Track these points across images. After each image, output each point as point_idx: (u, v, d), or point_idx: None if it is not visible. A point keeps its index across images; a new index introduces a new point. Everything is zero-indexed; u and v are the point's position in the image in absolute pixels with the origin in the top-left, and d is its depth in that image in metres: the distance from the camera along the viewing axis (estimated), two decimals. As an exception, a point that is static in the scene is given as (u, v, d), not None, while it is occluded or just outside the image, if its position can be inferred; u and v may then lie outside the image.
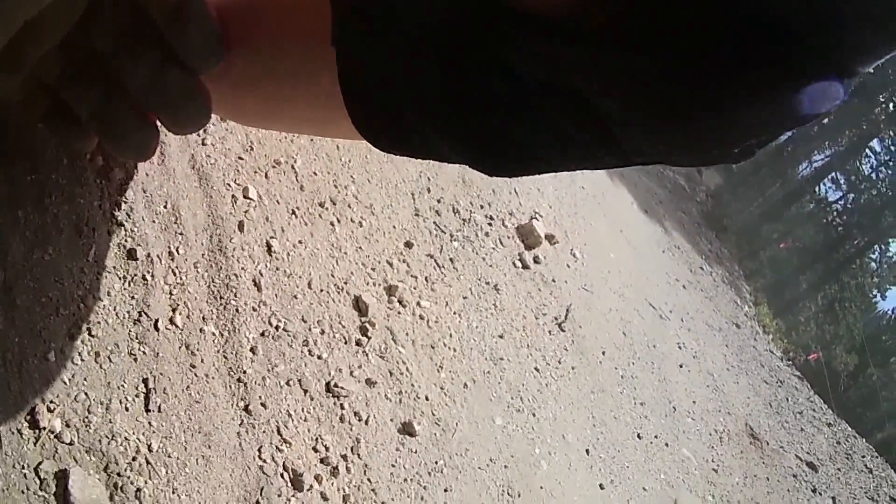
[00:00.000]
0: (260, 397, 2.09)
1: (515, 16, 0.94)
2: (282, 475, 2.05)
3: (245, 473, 1.94)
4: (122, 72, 1.07)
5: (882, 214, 32.23)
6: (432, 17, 1.04)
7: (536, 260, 4.42)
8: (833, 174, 32.48)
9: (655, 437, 4.81)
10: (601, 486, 3.74)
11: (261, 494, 1.95)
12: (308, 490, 2.09)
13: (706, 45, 0.75)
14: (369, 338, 2.63)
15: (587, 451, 3.81)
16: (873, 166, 32.28)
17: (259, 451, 2.01)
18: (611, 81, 0.86)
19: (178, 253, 2.00)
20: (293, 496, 2.04)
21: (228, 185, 2.29)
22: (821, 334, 31.88)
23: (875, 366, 35.96)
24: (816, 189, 32.68)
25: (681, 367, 6.22)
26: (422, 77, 1.07)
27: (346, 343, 2.53)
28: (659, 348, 6.00)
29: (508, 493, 2.95)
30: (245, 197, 2.34)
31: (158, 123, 1.20)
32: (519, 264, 4.19)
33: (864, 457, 9.54)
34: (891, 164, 31.52)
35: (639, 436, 4.55)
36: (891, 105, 29.14)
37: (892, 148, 30.99)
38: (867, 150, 31.81)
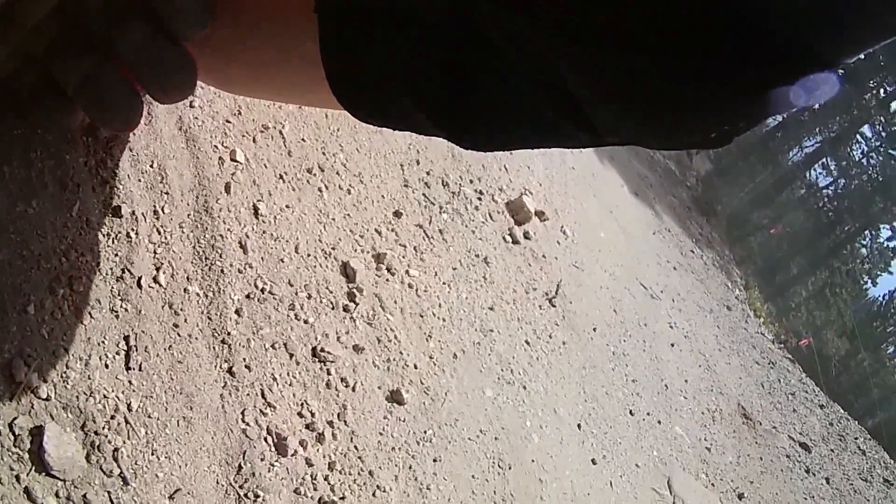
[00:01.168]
0: (244, 359, 2.05)
1: None
2: (265, 439, 2.01)
3: (227, 437, 1.90)
4: (111, 42, 1.07)
5: (873, 200, 32.27)
6: None
7: (527, 235, 4.38)
8: (824, 160, 32.50)
9: (648, 414, 4.78)
10: (593, 462, 3.72)
11: (243, 458, 1.91)
12: (292, 455, 2.05)
13: (690, 42, 0.78)
14: (357, 304, 2.59)
15: (579, 425, 3.78)
16: (864, 152, 32.31)
17: (242, 414, 1.97)
18: (591, 73, 0.88)
19: (164, 212, 1.96)
20: (277, 461, 2.01)
21: (216, 147, 2.26)
22: (811, 320, 31.95)
23: (866, 351, 36.06)
24: (807, 174, 32.72)
25: (672, 346, 6.20)
26: (405, 49, 1.06)
27: (333, 308, 2.49)
28: (650, 327, 5.98)
29: (499, 466, 2.92)
30: (232, 160, 2.31)
31: (144, 94, 1.21)
32: (509, 239, 4.15)
33: (857, 439, 9.55)
34: (881, 149, 31.56)
35: (631, 412, 4.53)
36: (881, 91, 29.18)
37: (883, 134, 31.03)
38: (858, 136, 31.84)
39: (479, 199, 4.03)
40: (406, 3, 1.02)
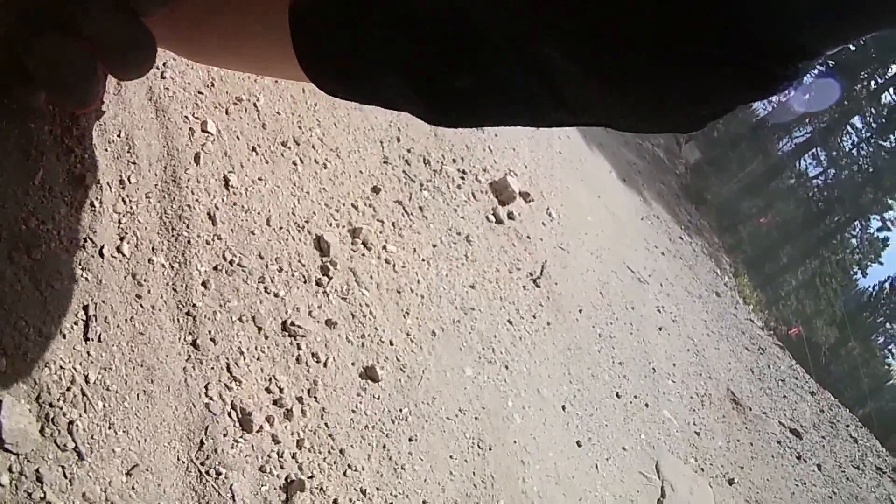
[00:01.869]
0: (209, 332, 2.00)
1: None
2: (229, 414, 1.95)
3: (189, 411, 1.84)
4: (73, 18, 1.08)
5: (863, 191, 32.32)
6: None
7: (511, 216, 4.33)
8: (814, 150, 32.53)
9: (635, 396, 4.74)
10: (578, 444, 3.66)
11: (205, 433, 1.85)
12: (258, 432, 1.99)
13: (677, 30, 0.83)
14: (330, 278, 2.53)
15: (563, 407, 3.72)
16: (854, 143, 32.35)
17: (206, 388, 1.91)
18: (583, 56, 0.91)
19: (130, 182, 1.92)
20: (241, 437, 1.94)
21: (186, 117, 2.22)
22: (801, 309, 32.01)
23: (856, 341, 36.16)
24: (797, 164, 32.75)
25: (660, 329, 6.16)
26: (381, 22, 1.03)
27: (305, 282, 2.44)
28: (638, 310, 5.94)
29: (479, 446, 2.86)
30: (203, 131, 2.27)
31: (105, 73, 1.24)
32: (492, 218, 4.09)
33: (848, 426, 9.53)
34: (872, 140, 31.59)
35: (617, 395, 4.48)
36: (872, 82, 29.20)
37: (874, 125, 31.07)
38: (848, 127, 31.87)
39: (462, 178, 3.97)
40: None
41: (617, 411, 4.35)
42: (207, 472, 1.81)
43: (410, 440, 2.54)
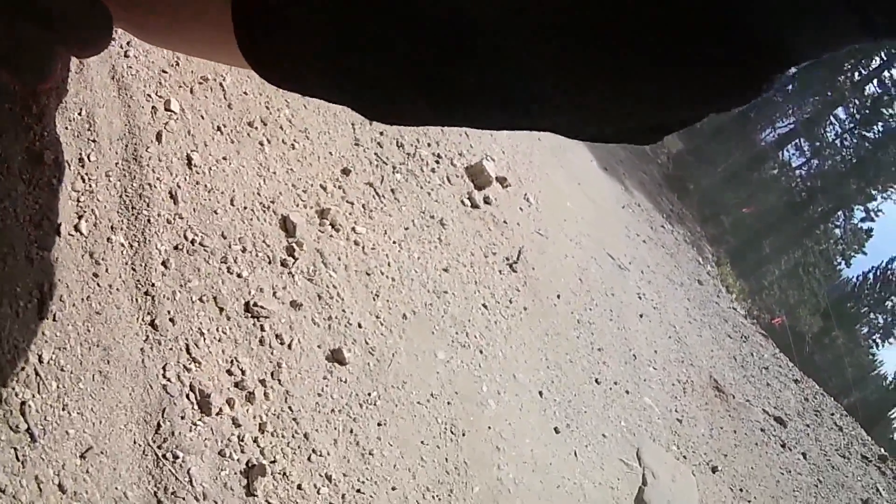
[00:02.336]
0: (169, 312, 1.95)
1: None
2: (188, 396, 1.89)
3: (146, 392, 1.79)
4: None
5: (846, 181, 32.40)
6: None
7: (487, 200, 4.28)
8: (797, 140, 32.59)
9: (615, 383, 4.69)
10: (556, 430, 3.61)
11: (163, 416, 1.80)
12: (217, 414, 1.94)
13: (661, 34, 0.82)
14: (296, 259, 2.48)
15: (540, 392, 3.67)
16: (837, 133, 32.42)
17: (164, 369, 1.86)
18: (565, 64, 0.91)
19: (90, 160, 1.88)
20: (200, 420, 1.89)
21: (149, 96, 2.18)
22: (784, 298, 32.08)
23: (840, 330, 36.28)
24: (780, 155, 32.79)
25: (641, 316, 6.13)
26: (324, 12, 0.99)
27: (269, 263, 2.38)
28: (618, 297, 5.90)
29: (452, 431, 2.81)
30: (167, 109, 2.23)
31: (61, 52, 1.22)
32: (468, 203, 4.05)
33: (833, 414, 9.54)
34: (855, 131, 31.67)
35: (597, 381, 4.43)
36: (856, 74, 29.27)
37: (857, 116, 31.14)
38: (832, 118, 31.93)
39: (437, 161, 3.92)
40: None
41: (596, 398, 4.31)
42: (164, 456, 1.76)
43: (379, 425, 2.49)
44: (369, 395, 2.51)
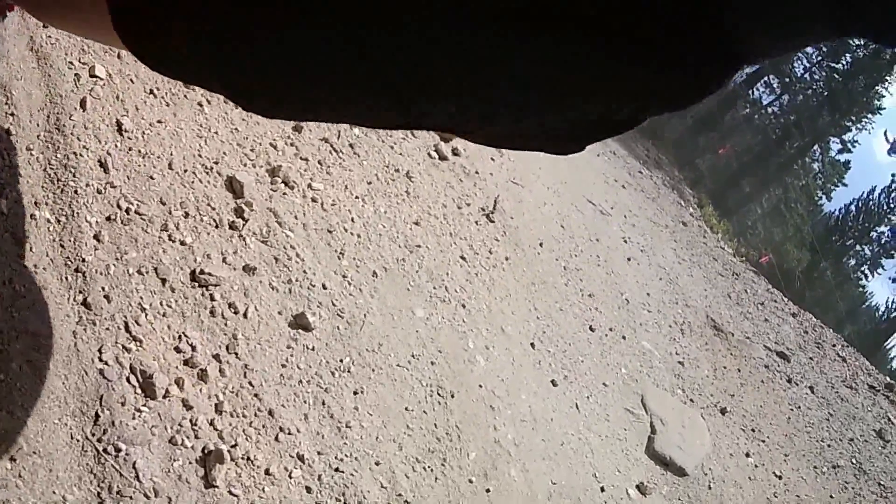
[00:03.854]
0: (103, 289, 1.75)
1: None
2: (128, 379, 1.67)
3: (81, 380, 1.58)
4: None
5: (819, 115, 32.52)
6: None
7: (455, 152, 4.07)
8: (766, 78, 32.65)
9: (610, 329, 4.49)
10: (553, 383, 3.40)
11: (101, 405, 1.58)
12: (164, 397, 1.72)
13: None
14: (246, 220, 2.25)
15: (532, 344, 3.46)
16: (806, 68, 32.50)
17: (99, 351, 1.65)
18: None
19: (8, 134, 1.73)
20: (144, 405, 1.67)
21: (71, 63, 2.01)
22: (769, 236, 32.27)
23: (827, 265, 36.49)
24: (750, 93, 32.84)
25: (629, 260, 5.96)
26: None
27: (216, 227, 2.16)
28: (603, 242, 5.71)
29: (439, 394, 2.59)
30: (91, 75, 2.05)
31: None
32: (435, 155, 3.83)
33: (834, 346, 9.41)
34: (823, 64, 31.75)
35: (591, 328, 4.23)
36: (819, 5, 29.35)
37: (824, 49, 31.22)
38: (798, 53, 31.99)
39: (398, 114, 3.71)
40: None
41: (592, 345, 4.11)
42: (105, 450, 1.56)
43: (355, 393, 2.27)
44: (341, 361, 2.29)
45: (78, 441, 1.52)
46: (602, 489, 3.18)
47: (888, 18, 0.72)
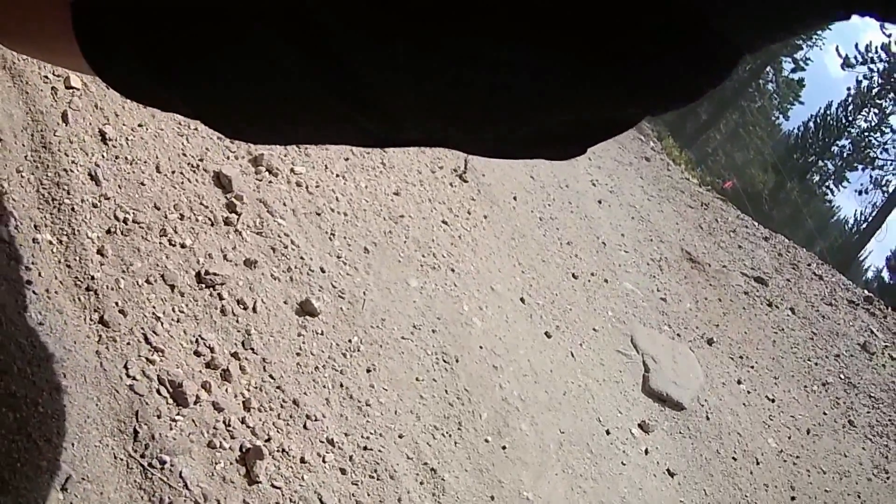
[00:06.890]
0: (117, 304, 1.77)
1: None
2: (158, 391, 1.72)
3: (113, 398, 1.62)
4: None
5: (769, 35, 32.57)
6: None
7: (422, 117, 4.10)
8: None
9: (592, 274, 4.57)
10: (547, 335, 3.48)
11: (137, 420, 1.63)
12: (195, 403, 1.77)
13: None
14: (239, 214, 2.30)
15: (522, 299, 3.53)
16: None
17: (126, 367, 1.69)
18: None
19: None
20: (178, 414, 1.72)
21: (46, 77, 2.01)
22: (731, 161, 32.39)
23: (793, 184, 36.71)
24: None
25: (599, 202, 6.02)
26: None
27: (212, 225, 2.20)
28: (572, 187, 5.76)
29: (444, 360, 2.66)
30: (67, 87, 2.06)
31: None
32: (402, 123, 3.87)
33: (810, 265, 9.48)
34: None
35: (574, 276, 4.31)
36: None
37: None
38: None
39: (361, 87, 3.75)
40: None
41: (577, 293, 4.20)
42: (151, 465, 1.61)
43: (369, 371, 2.34)
44: (350, 341, 2.35)
45: (122, 460, 1.56)
46: (607, 432, 3.26)
47: None
